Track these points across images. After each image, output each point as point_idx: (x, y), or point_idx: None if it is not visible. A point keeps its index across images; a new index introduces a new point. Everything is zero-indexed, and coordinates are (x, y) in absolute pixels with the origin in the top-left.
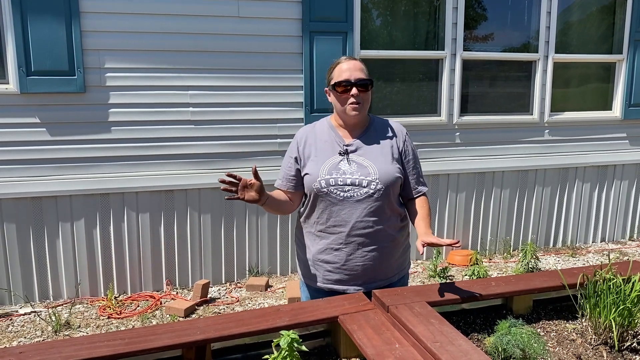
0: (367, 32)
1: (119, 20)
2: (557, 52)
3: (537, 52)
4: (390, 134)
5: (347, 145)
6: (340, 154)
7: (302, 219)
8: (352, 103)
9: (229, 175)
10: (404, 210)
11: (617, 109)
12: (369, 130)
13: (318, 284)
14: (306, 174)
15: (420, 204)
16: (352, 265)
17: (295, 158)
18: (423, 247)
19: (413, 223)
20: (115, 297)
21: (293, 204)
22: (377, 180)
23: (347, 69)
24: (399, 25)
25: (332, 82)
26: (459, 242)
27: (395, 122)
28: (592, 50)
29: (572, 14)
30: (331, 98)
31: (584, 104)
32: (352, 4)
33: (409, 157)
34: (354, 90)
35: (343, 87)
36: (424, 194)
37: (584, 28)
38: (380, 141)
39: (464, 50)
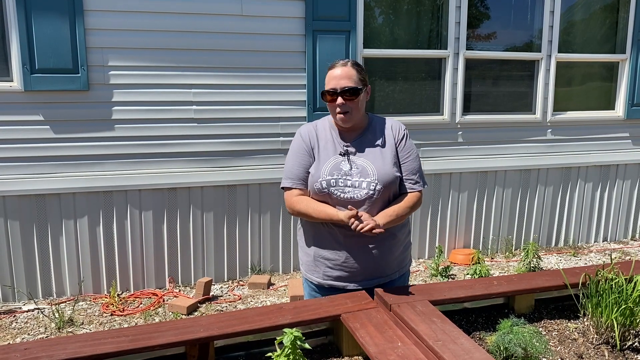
0: (370, 30)
1: (122, 18)
2: (560, 51)
3: (540, 51)
4: (389, 133)
5: (347, 146)
6: (340, 154)
7: None
8: (339, 112)
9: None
10: None
11: (619, 109)
12: (367, 131)
13: (319, 280)
14: (308, 172)
15: (404, 197)
16: (352, 263)
17: (309, 152)
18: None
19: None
20: (118, 295)
21: None
22: (376, 181)
23: (335, 77)
24: (402, 24)
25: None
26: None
27: (394, 120)
28: (595, 50)
29: (576, 13)
30: None
31: (586, 103)
32: (355, 3)
33: (406, 155)
34: (339, 100)
35: (329, 96)
36: (418, 191)
37: (587, 27)
38: (379, 141)
39: (466, 50)
